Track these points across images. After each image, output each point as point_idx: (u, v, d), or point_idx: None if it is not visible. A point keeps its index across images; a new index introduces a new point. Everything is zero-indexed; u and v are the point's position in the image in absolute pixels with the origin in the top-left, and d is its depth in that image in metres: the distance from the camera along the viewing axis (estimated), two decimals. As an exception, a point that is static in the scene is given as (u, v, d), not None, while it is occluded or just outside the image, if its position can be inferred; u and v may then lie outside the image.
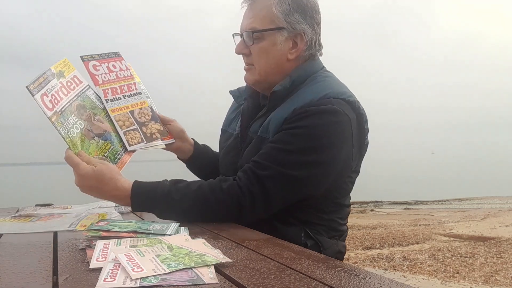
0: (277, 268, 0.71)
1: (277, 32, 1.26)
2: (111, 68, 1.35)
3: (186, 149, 1.50)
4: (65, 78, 1.21)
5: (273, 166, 1.14)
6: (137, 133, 1.30)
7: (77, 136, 1.16)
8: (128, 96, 1.34)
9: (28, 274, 0.69)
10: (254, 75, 1.31)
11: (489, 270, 4.24)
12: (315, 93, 1.22)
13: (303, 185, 1.16)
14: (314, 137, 1.16)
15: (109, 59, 1.36)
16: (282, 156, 1.15)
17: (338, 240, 1.30)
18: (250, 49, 1.29)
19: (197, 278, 0.64)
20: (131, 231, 0.93)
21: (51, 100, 1.12)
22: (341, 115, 1.17)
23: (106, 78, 1.32)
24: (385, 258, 4.86)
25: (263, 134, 1.24)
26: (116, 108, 1.30)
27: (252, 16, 1.27)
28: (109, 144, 1.24)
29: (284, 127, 1.19)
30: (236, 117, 1.46)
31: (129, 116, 1.32)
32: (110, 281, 0.61)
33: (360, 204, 12.85)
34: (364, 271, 0.69)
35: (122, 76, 1.36)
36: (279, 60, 1.28)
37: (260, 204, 1.14)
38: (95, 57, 1.33)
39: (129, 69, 1.39)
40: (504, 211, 9.93)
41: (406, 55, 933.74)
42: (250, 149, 1.27)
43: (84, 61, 1.31)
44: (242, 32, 1.30)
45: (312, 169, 1.16)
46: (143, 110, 1.36)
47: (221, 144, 1.50)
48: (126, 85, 1.35)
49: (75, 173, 1.13)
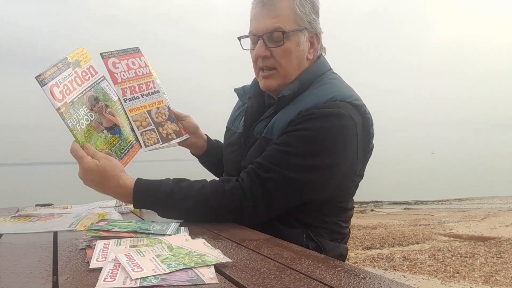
0: (277, 268, 0.71)
1: (300, 33, 1.25)
2: (130, 66, 1.34)
3: (200, 145, 1.51)
4: (81, 68, 1.19)
5: (276, 169, 1.13)
6: (154, 134, 1.31)
7: (85, 128, 1.15)
8: (146, 95, 1.34)
9: (28, 274, 0.69)
10: (278, 80, 1.28)
11: (489, 270, 4.23)
12: (321, 96, 1.20)
13: (305, 188, 1.16)
14: (318, 140, 1.15)
15: (129, 55, 1.35)
16: (285, 158, 1.14)
17: (340, 243, 1.29)
18: (271, 51, 1.25)
19: (197, 278, 0.64)
20: (131, 231, 0.93)
21: (62, 91, 1.11)
22: (346, 118, 1.16)
23: (125, 76, 1.31)
24: (385, 258, 4.86)
25: (267, 135, 1.23)
26: (134, 107, 1.30)
27: (274, 17, 1.22)
28: (117, 138, 1.23)
29: (289, 129, 1.18)
30: (240, 115, 1.45)
31: (146, 116, 1.32)
32: (110, 281, 0.61)
33: (360, 204, 12.85)
34: (364, 271, 0.69)
35: (141, 74, 1.35)
36: (301, 61, 1.28)
37: (262, 206, 1.14)
38: (115, 54, 1.32)
39: (148, 65, 1.38)
40: (504, 211, 9.93)
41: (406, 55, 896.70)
42: (254, 149, 1.26)
43: (103, 58, 1.30)
44: (261, 33, 1.24)
45: (315, 172, 1.15)
46: (160, 110, 1.35)
47: (225, 141, 1.49)
48: (144, 83, 1.35)
49: (79, 166, 1.12)
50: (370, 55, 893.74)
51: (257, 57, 1.27)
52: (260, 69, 1.29)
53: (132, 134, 1.28)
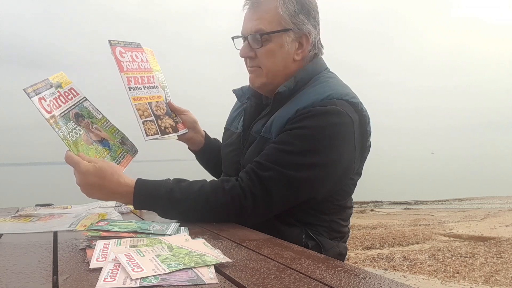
0: (277, 268, 0.71)
1: (284, 34, 1.25)
2: (134, 58, 1.36)
3: (198, 140, 1.52)
4: (62, 89, 1.22)
5: (275, 167, 1.13)
6: (154, 125, 1.33)
7: (76, 140, 1.16)
8: (148, 87, 1.36)
9: (28, 274, 0.69)
10: (261, 78, 1.30)
11: (489, 270, 4.24)
12: (318, 94, 1.21)
13: (304, 186, 1.16)
14: (316, 138, 1.15)
15: (133, 48, 1.37)
16: (283, 157, 1.14)
17: (339, 241, 1.29)
18: (255, 52, 1.28)
19: (197, 278, 0.64)
20: (131, 231, 0.93)
21: (49, 105, 1.13)
22: (344, 116, 1.16)
23: (130, 67, 1.33)
24: (385, 258, 4.86)
25: (266, 134, 1.24)
26: (138, 97, 1.32)
27: (257, 18, 1.25)
28: (108, 150, 1.25)
29: (287, 127, 1.19)
30: (239, 115, 1.46)
31: (147, 107, 1.34)
32: (110, 281, 0.61)
33: (360, 204, 12.85)
34: (364, 271, 0.69)
35: (143, 68, 1.38)
36: (286, 62, 1.28)
37: (262, 205, 1.14)
38: (121, 44, 1.33)
39: (148, 61, 1.41)
40: (504, 211, 9.93)
41: (407, 57, 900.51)
42: (252, 149, 1.26)
43: (112, 45, 1.31)
44: (246, 35, 1.28)
45: (313, 170, 1.15)
46: (159, 104, 1.38)
47: (224, 141, 1.50)
48: (146, 76, 1.37)
49: (75, 172, 1.11)
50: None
51: (244, 57, 1.32)
52: (248, 67, 1.34)
53: (121, 147, 1.29)
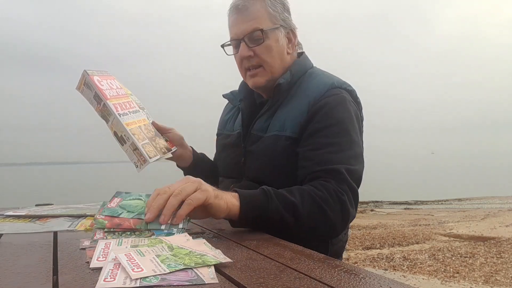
0: (277, 268, 0.71)
1: (277, 30, 1.33)
2: (111, 85, 1.34)
3: (187, 156, 1.49)
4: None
5: (341, 168, 1.15)
6: (151, 147, 1.30)
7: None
8: (132, 112, 1.34)
9: (28, 274, 0.69)
10: (265, 76, 1.34)
11: (489, 270, 4.24)
12: (321, 85, 1.29)
13: (361, 175, 1.23)
14: (346, 129, 1.23)
15: (105, 76, 1.34)
16: (340, 156, 1.18)
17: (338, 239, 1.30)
18: (254, 51, 1.31)
19: (197, 278, 0.64)
20: (138, 214, 0.94)
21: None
22: (350, 102, 1.28)
23: (111, 94, 1.31)
24: (385, 258, 4.86)
25: (281, 132, 1.26)
26: (129, 122, 1.29)
27: (250, 19, 1.30)
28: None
29: (314, 127, 1.22)
30: (231, 118, 1.48)
31: (140, 131, 1.31)
32: (110, 281, 0.61)
33: (360, 204, 12.80)
34: (364, 271, 0.69)
35: (121, 94, 1.35)
36: (282, 56, 1.35)
37: (352, 201, 1.15)
38: (96, 73, 1.31)
39: (122, 87, 1.38)
40: (504, 211, 9.94)
41: (407, 54, 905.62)
42: (263, 147, 1.28)
43: (89, 75, 1.28)
44: (242, 36, 1.31)
45: (361, 159, 1.26)
46: (147, 126, 1.35)
47: (218, 147, 1.50)
48: (127, 102, 1.34)
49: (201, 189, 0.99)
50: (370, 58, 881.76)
51: (242, 59, 1.34)
52: (247, 69, 1.35)
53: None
